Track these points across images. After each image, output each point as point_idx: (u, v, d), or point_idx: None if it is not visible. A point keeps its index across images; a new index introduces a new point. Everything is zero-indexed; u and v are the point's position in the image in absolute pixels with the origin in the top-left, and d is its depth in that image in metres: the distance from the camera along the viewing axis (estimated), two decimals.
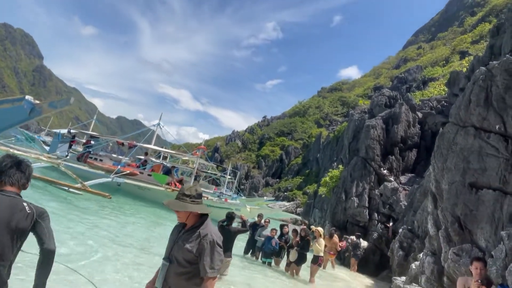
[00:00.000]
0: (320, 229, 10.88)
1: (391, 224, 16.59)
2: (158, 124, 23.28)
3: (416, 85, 56.35)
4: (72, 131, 26.15)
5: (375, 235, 16.53)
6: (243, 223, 8.50)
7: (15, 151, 12.07)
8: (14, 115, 5.70)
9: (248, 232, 12.68)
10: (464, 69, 27.81)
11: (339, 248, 14.56)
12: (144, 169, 20.97)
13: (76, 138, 26.42)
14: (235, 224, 8.76)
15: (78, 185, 12.83)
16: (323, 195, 25.33)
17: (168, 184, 20.10)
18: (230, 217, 8.19)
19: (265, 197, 47.52)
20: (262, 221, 12.59)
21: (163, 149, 24.39)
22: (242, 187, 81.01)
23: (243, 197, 43.15)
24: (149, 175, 20.79)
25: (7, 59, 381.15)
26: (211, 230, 2.96)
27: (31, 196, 11.23)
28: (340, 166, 23.99)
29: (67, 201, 12.90)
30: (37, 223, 2.43)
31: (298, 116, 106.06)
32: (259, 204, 24.65)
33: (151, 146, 22.48)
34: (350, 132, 24.33)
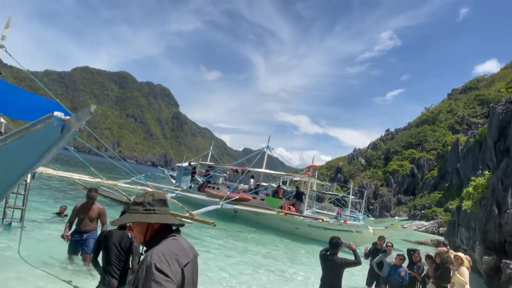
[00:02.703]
0: (461, 255, 8.13)
1: None
2: (267, 146, 22.95)
3: None
4: (192, 163, 27.80)
5: None
6: (354, 254, 6.67)
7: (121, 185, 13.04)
8: (46, 135, 5.36)
9: (369, 260, 10.60)
10: None
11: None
12: (256, 193, 20.53)
13: (197, 170, 27.95)
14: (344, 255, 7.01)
15: (187, 214, 12.93)
16: (469, 210, 20.79)
17: (281, 207, 19.12)
18: (334, 243, 6.40)
19: (396, 217, 42.56)
20: (384, 245, 10.35)
21: (273, 172, 23.77)
22: (371, 207, 75.30)
23: (371, 218, 39.45)
24: (262, 199, 20.22)
25: (151, 112, 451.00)
26: (156, 249, 1.81)
27: None
28: (486, 172, 19.42)
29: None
30: None
31: (427, 124, 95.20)
32: (393, 225, 21.35)
33: (262, 170, 22.09)
34: (494, 130, 19.70)
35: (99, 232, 6.48)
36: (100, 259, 4.54)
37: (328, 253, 6.44)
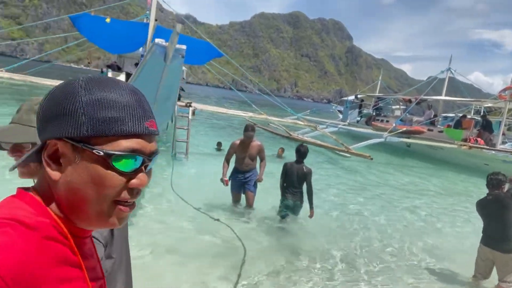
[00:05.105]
0: None
1: None
2: (448, 69, 18.92)
3: None
4: (359, 96, 26.03)
5: None
6: None
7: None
8: (153, 67, 5.19)
9: None
10: None
11: None
12: (433, 124, 17.61)
13: (364, 102, 26.05)
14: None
15: (342, 148, 12.09)
16: None
17: (464, 140, 15.89)
18: (497, 181, 4.46)
19: None
20: None
21: (453, 98, 19.49)
22: None
23: None
24: (440, 131, 17.25)
25: (324, 49, 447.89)
26: None
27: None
28: None
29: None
30: None
31: None
32: None
33: (440, 97, 18.51)
34: None
35: (257, 168, 6.40)
36: None
37: (487, 195, 4.66)
